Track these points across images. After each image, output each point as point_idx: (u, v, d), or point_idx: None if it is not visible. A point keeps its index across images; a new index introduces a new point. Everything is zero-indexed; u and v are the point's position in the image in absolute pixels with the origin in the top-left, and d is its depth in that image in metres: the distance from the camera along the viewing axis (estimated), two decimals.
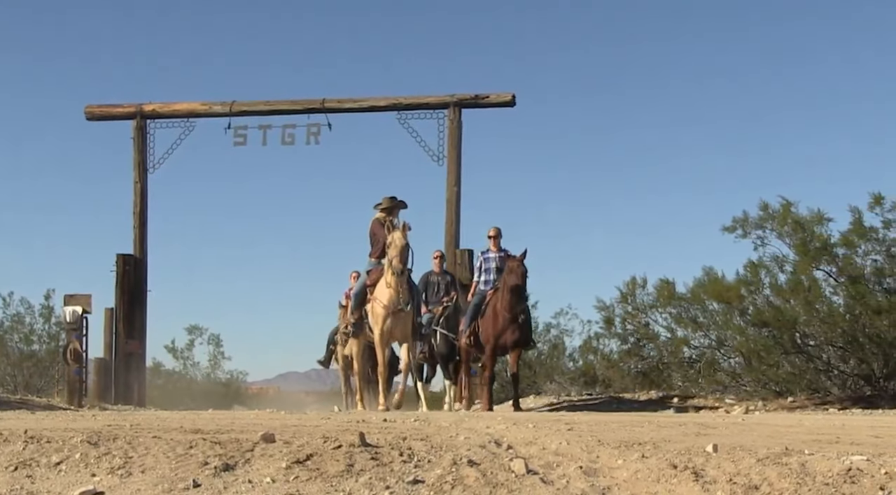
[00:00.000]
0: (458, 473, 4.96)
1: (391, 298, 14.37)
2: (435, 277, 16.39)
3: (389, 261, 14.23)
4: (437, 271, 16.44)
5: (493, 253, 15.55)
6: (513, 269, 14.52)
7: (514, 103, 20.10)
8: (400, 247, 14.18)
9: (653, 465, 5.04)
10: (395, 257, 14.15)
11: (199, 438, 6.06)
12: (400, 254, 14.17)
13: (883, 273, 16.02)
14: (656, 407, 15.75)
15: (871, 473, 4.69)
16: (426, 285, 16.26)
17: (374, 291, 14.76)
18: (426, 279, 16.36)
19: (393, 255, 14.18)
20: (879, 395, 15.07)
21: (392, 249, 14.23)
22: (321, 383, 49.15)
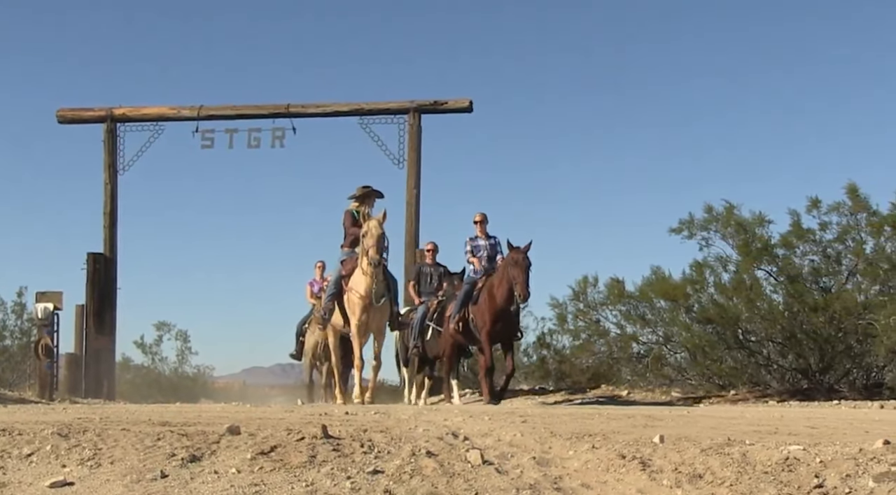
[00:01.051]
0: (417, 463, 4.96)
1: (368, 288, 13.72)
2: (428, 268, 15.57)
3: (365, 251, 13.57)
4: (430, 262, 15.61)
5: (482, 239, 14.66)
6: (518, 261, 13.46)
7: (472, 109, 20.11)
8: (376, 236, 13.53)
9: (602, 456, 5.06)
10: (371, 247, 13.48)
11: (167, 431, 6.02)
12: (376, 244, 13.51)
13: (819, 272, 16.17)
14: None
15: (807, 462, 4.74)
16: (419, 276, 15.55)
17: (350, 281, 14.07)
18: (419, 270, 15.72)
19: (369, 245, 13.51)
20: (815, 388, 15.19)
21: (368, 238, 13.56)
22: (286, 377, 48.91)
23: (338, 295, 14.33)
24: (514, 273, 13.36)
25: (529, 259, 13.54)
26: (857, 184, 16.08)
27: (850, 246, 16.06)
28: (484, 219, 14.68)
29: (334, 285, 14.42)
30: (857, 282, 15.82)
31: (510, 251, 13.59)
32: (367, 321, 13.98)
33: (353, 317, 13.96)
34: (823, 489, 4.39)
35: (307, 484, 4.67)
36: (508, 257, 13.58)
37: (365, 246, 13.57)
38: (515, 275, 13.33)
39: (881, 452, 4.84)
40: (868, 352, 15.08)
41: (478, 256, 14.42)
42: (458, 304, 14.20)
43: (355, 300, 13.85)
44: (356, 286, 13.86)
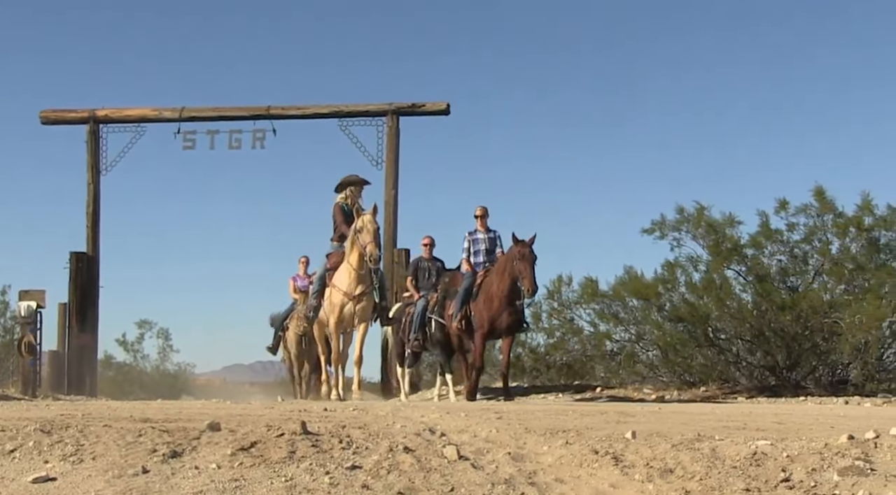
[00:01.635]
0: (394, 459, 4.96)
1: (350, 285, 13.34)
2: (425, 263, 15.03)
3: (363, 247, 13.09)
4: (427, 257, 15.04)
5: (482, 233, 14.27)
6: (525, 255, 13.03)
7: (449, 111, 20.11)
8: (373, 231, 13.09)
9: (576, 451, 5.07)
10: (369, 243, 13.01)
11: (148, 427, 6.00)
12: (374, 240, 13.06)
13: (787, 272, 16.25)
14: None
15: (775, 456, 4.76)
16: (416, 271, 15.01)
17: (334, 277, 13.68)
18: (416, 264, 15.15)
19: (367, 241, 13.04)
20: (783, 385, 15.26)
21: (364, 234, 13.08)
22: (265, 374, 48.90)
23: (323, 290, 14.00)
24: (521, 267, 13.00)
25: (535, 252, 13.17)
26: (823, 187, 16.18)
27: (817, 246, 16.15)
28: (484, 213, 14.33)
29: (319, 281, 14.07)
30: (823, 282, 15.91)
31: (515, 244, 13.17)
32: (348, 317, 13.59)
33: (332, 315, 13.63)
34: (790, 483, 4.41)
35: (286, 479, 4.66)
36: (513, 251, 13.18)
37: (362, 242, 13.11)
38: (522, 269, 12.98)
39: (845, 447, 4.87)
40: (833, 350, 15.17)
41: (475, 251, 14.10)
42: (458, 302, 13.79)
43: (336, 298, 13.49)
44: (339, 282, 13.48)
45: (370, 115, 20.08)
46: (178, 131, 20.40)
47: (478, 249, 14.14)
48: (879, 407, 11.03)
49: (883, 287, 15.00)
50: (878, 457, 4.70)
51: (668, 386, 16.30)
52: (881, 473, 4.47)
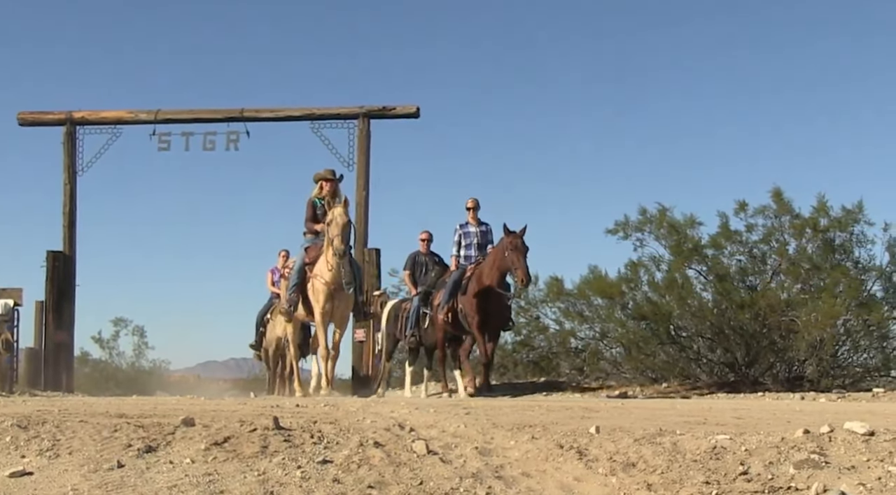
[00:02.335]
0: (365, 454, 4.95)
1: (333, 275, 12.80)
2: (422, 257, 14.68)
3: (330, 241, 12.63)
4: (425, 251, 14.72)
5: (473, 226, 13.84)
6: (517, 246, 12.53)
7: (419, 115, 20.17)
8: (341, 224, 12.55)
9: (542, 446, 5.08)
10: (336, 236, 12.49)
11: (124, 422, 5.96)
12: (342, 233, 12.53)
13: (746, 272, 16.36)
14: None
15: (734, 450, 4.79)
16: (414, 265, 14.65)
17: (315, 268, 13.14)
18: (414, 259, 14.73)
19: (334, 234, 12.51)
20: (742, 381, 15.35)
21: (333, 227, 12.57)
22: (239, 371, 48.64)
23: (301, 284, 13.47)
24: (513, 258, 12.50)
25: (526, 243, 12.72)
26: (781, 189, 16.31)
27: (775, 246, 16.28)
28: (476, 206, 13.89)
29: (297, 274, 13.54)
30: (780, 281, 16.02)
31: (506, 236, 12.70)
32: (331, 309, 13.08)
33: (318, 304, 13.04)
34: (748, 475, 4.44)
35: (259, 473, 4.65)
36: (505, 242, 12.69)
37: (330, 235, 12.66)
38: (514, 260, 12.47)
39: (801, 441, 4.91)
40: (790, 347, 15.27)
41: (467, 244, 13.69)
42: (446, 294, 13.35)
43: (320, 287, 12.96)
44: (321, 273, 12.99)
45: (342, 117, 20.12)
46: (153, 133, 20.41)
47: (469, 243, 13.75)
48: (834, 403, 11.11)
49: (837, 286, 15.13)
50: (833, 451, 4.74)
51: (630, 382, 16.37)
52: (835, 466, 4.50)
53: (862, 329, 15.36)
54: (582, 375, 17.15)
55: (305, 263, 13.34)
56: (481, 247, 13.60)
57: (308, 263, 13.29)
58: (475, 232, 13.76)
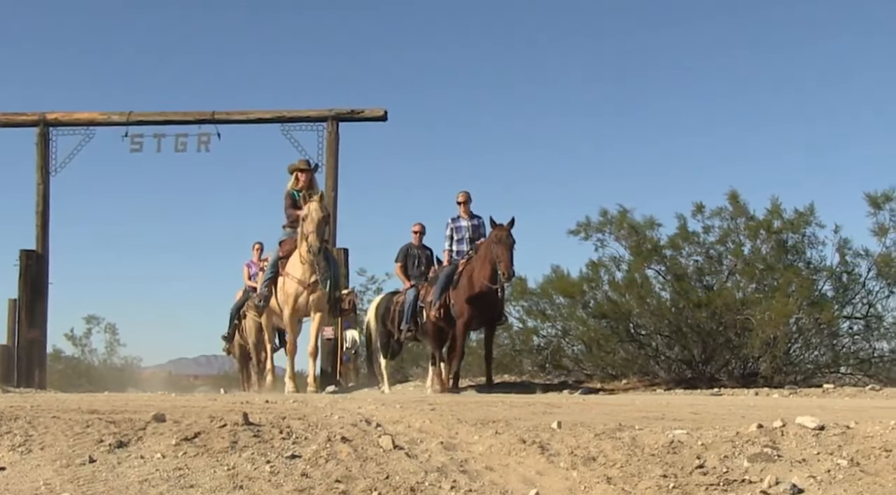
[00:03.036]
0: (332, 448, 4.95)
1: (304, 274, 12.32)
2: (415, 250, 13.99)
3: (305, 237, 12.14)
4: (417, 244, 14.04)
5: (465, 220, 13.37)
6: (502, 239, 12.13)
7: (387, 118, 20.11)
8: (317, 220, 12.03)
9: (505, 440, 5.09)
10: (311, 232, 11.96)
11: (95, 418, 5.92)
12: (317, 229, 11.98)
13: (703, 271, 16.45)
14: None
15: (690, 444, 4.82)
16: (406, 258, 13.93)
17: (286, 265, 12.68)
18: (406, 252, 14.01)
19: (309, 230, 11.99)
20: (698, 378, 15.43)
21: (308, 223, 12.06)
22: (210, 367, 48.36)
23: (275, 279, 13.07)
24: (498, 251, 12.13)
25: (513, 236, 12.37)
26: (737, 191, 16.43)
27: (730, 247, 16.38)
28: (467, 199, 13.44)
29: (272, 269, 13.12)
30: (736, 281, 16.12)
31: (493, 229, 12.37)
32: (302, 306, 12.64)
33: (287, 306, 12.69)
34: (704, 469, 4.47)
35: (229, 467, 4.63)
36: (492, 235, 12.37)
37: (305, 231, 12.17)
38: (499, 254, 12.11)
39: (755, 435, 4.95)
40: (745, 345, 15.37)
41: (458, 239, 13.27)
42: (438, 289, 12.84)
43: (290, 288, 12.55)
44: (292, 271, 12.56)
45: (311, 120, 20.03)
46: (125, 134, 20.22)
47: (461, 237, 13.35)
48: (786, 398, 11.21)
49: (790, 286, 15.24)
50: (785, 444, 4.78)
51: (591, 378, 16.41)
52: (787, 459, 4.55)
53: (813, 327, 15.49)
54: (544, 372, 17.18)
55: (280, 257, 12.93)
56: (473, 241, 13.19)
57: (282, 257, 12.87)
58: (467, 226, 13.38)
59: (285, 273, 12.63)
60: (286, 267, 12.68)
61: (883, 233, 15.85)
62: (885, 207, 15.81)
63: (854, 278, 16.05)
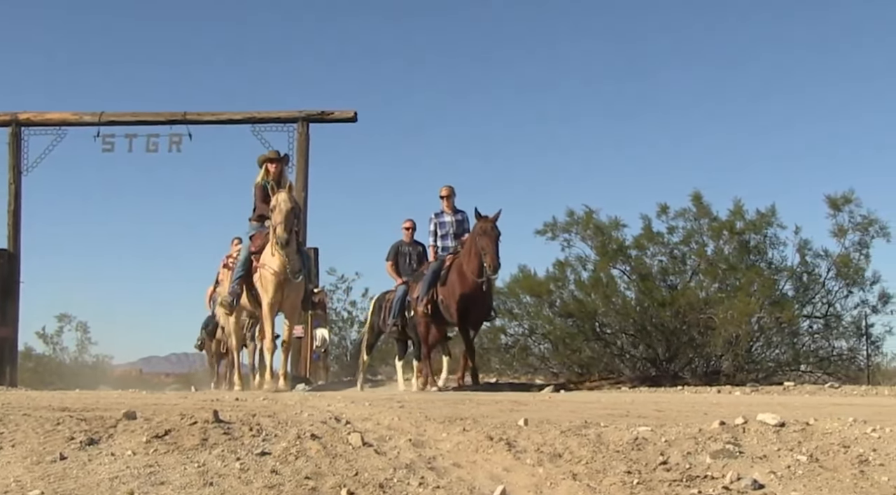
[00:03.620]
0: (302, 446, 4.93)
1: (281, 264, 11.79)
2: (406, 247, 13.54)
3: (273, 229, 11.63)
4: (408, 241, 13.58)
5: (448, 215, 12.97)
6: (486, 231, 11.74)
7: (356, 119, 20.07)
8: (285, 211, 11.53)
9: (472, 437, 5.10)
10: (279, 224, 11.46)
11: (66, 415, 5.87)
12: (285, 221, 11.49)
13: (667, 271, 16.56)
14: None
15: (654, 441, 4.84)
16: (397, 255, 13.50)
17: (262, 257, 12.13)
18: (397, 249, 13.57)
19: (277, 222, 11.49)
20: (662, 376, 15.52)
21: (276, 214, 11.56)
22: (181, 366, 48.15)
23: (247, 275, 12.48)
24: (484, 243, 11.76)
25: (499, 228, 11.99)
26: (701, 193, 16.54)
27: (694, 248, 16.49)
28: (451, 193, 13.01)
29: (242, 265, 12.53)
30: (699, 281, 16.23)
31: (478, 220, 11.98)
32: (280, 299, 12.13)
33: (266, 295, 12.05)
34: (667, 465, 4.49)
35: (199, 464, 4.60)
36: (477, 227, 11.98)
37: (273, 222, 11.67)
38: (485, 246, 11.75)
39: (717, 432, 4.98)
40: (708, 343, 15.47)
41: (442, 233, 12.88)
42: (425, 285, 12.42)
43: (268, 276, 11.97)
44: (268, 262, 11.98)
45: (281, 121, 19.96)
46: (97, 134, 20.07)
47: (445, 232, 12.96)
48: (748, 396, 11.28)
49: (752, 285, 15.36)
50: (746, 441, 4.81)
51: (557, 376, 16.46)
52: (748, 455, 4.58)
53: (774, 326, 15.62)
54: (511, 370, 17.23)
55: (251, 252, 12.44)
56: (458, 237, 12.78)
57: (254, 252, 12.39)
58: (450, 221, 13.00)
59: (261, 264, 12.11)
60: (261, 259, 12.17)
61: (842, 234, 16.02)
62: (844, 209, 15.98)
63: (814, 278, 16.21)
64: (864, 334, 16.32)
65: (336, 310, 25.82)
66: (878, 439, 4.76)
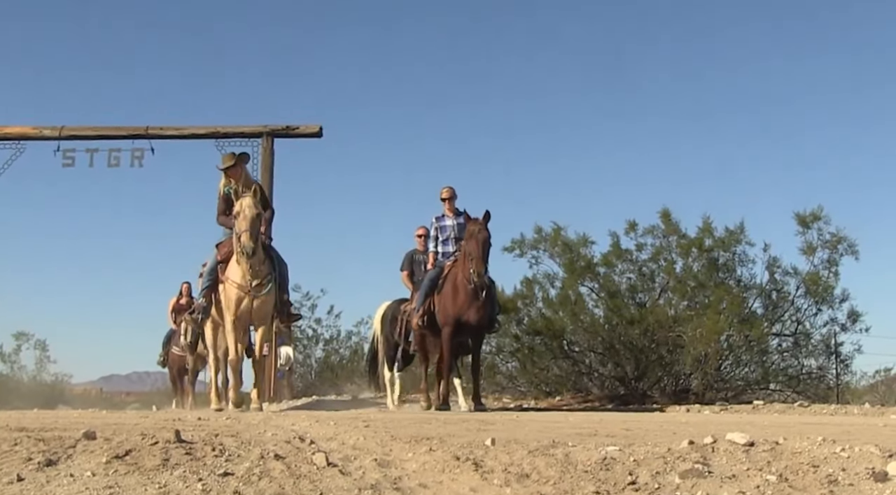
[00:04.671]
0: (265, 466, 4.90)
1: (244, 278, 11.06)
2: (420, 256, 13.01)
3: (237, 236, 10.87)
4: (422, 249, 13.02)
5: (450, 218, 12.40)
6: (473, 234, 11.18)
7: (322, 134, 20.06)
8: (250, 217, 10.76)
9: (439, 457, 5.08)
10: (243, 231, 10.69)
11: (24, 436, 5.80)
12: (250, 228, 10.72)
13: (636, 289, 16.64)
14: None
15: (623, 461, 4.85)
16: (412, 264, 13.05)
17: (227, 269, 11.37)
18: (411, 257, 13.12)
19: (242, 229, 10.72)
20: (631, 394, 15.58)
21: (241, 221, 10.77)
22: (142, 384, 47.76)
23: (213, 286, 11.80)
24: (470, 247, 11.20)
25: (488, 230, 11.38)
26: (669, 210, 16.66)
27: (663, 265, 16.60)
28: (452, 195, 12.38)
29: (209, 276, 11.79)
30: (668, 298, 16.33)
31: (467, 223, 11.45)
32: (246, 313, 11.34)
33: (229, 311, 11.34)
34: (636, 485, 4.50)
35: (160, 485, 4.56)
36: (466, 231, 11.45)
37: (237, 230, 10.89)
38: (471, 250, 11.18)
39: (686, 451, 4.99)
40: (677, 361, 15.57)
41: (444, 238, 12.30)
42: (421, 295, 11.80)
43: (231, 292, 11.25)
44: (232, 275, 11.25)
45: (245, 136, 19.92)
46: (57, 149, 19.94)
47: (446, 237, 12.39)
48: (717, 415, 11.34)
49: (721, 303, 15.47)
50: (715, 461, 4.83)
51: (525, 395, 16.48)
52: (717, 475, 4.59)
53: (743, 344, 15.74)
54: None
55: (218, 261, 11.72)
56: (459, 241, 12.10)
57: (221, 261, 11.68)
58: (452, 224, 12.38)
59: (225, 278, 11.38)
60: (226, 271, 11.44)
61: (811, 252, 16.18)
62: (813, 226, 16.13)
63: (783, 296, 16.35)
64: (833, 353, 16.47)
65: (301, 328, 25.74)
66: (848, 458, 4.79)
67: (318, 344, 26.09)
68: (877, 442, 5.03)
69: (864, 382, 19.03)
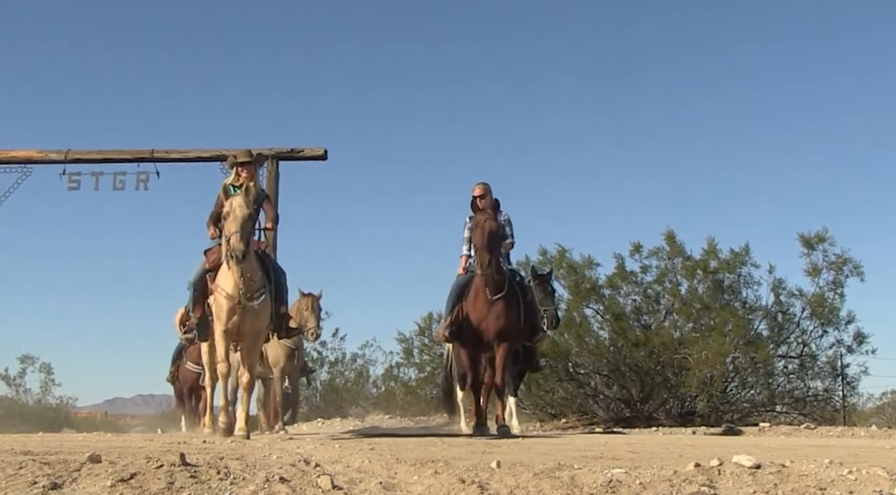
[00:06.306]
0: (271, 489, 4.88)
1: (235, 285, 9.56)
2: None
3: (227, 239, 9.38)
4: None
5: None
6: (479, 223, 9.91)
7: (326, 157, 20.11)
8: (241, 218, 9.28)
9: (444, 480, 5.07)
10: (234, 233, 9.17)
11: (29, 459, 5.79)
12: (241, 230, 9.22)
13: (641, 311, 16.62)
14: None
15: (628, 484, 4.83)
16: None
17: (217, 278, 9.87)
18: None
19: (231, 231, 9.24)
20: (636, 416, 15.52)
21: (231, 222, 9.32)
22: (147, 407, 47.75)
23: (203, 297, 10.41)
24: (475, 238, 9.98)
25: (497, 220, 10.09)
26: (674, 232, 16.66)
27: (668, 287, 16.57)
28: (485, 192, 10.57)
29: (195, 288, 10.51)
30: (673, 320, 16.31)
31: (475, 213, 10.23)
32: (237, 326, 9.82)
33: (219, 322, 9.84)
34: None
35: None
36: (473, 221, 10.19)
37: (226, 232, 9.45)
38: (477, 241, 9.94)
39: (692, 474, 4.97)
40: (682, 384, 15.52)
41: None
42: (449, 303, 10.43)
43: (221, 302, 9.78)
44: (223, 283, 9.78)
45: None
46: (63, 172, 20.00)
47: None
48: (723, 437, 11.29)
49: (726, 325, 15.45)
50: (722, 483, 4.81)
51: (530, 418, 16.44)
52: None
53: (749, 366, 15.69)
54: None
55: (206, 270, 10.42)
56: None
57: (209, 270, 10.34)
58: None
59: (215, 286, 9.99)
60: (216, 279, 10.04)
61: (816, 274, 16.16)
62: (818, 248, 16.13)
63: (788, 318, 16.32)
64: (839, 374, 16.42)
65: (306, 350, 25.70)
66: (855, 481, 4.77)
67: (322, 366, 26.09)
68: (884, 465, 5.01)
69: (870, 404, 19.00)
